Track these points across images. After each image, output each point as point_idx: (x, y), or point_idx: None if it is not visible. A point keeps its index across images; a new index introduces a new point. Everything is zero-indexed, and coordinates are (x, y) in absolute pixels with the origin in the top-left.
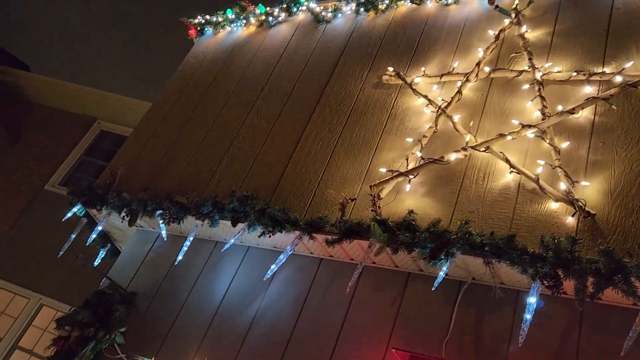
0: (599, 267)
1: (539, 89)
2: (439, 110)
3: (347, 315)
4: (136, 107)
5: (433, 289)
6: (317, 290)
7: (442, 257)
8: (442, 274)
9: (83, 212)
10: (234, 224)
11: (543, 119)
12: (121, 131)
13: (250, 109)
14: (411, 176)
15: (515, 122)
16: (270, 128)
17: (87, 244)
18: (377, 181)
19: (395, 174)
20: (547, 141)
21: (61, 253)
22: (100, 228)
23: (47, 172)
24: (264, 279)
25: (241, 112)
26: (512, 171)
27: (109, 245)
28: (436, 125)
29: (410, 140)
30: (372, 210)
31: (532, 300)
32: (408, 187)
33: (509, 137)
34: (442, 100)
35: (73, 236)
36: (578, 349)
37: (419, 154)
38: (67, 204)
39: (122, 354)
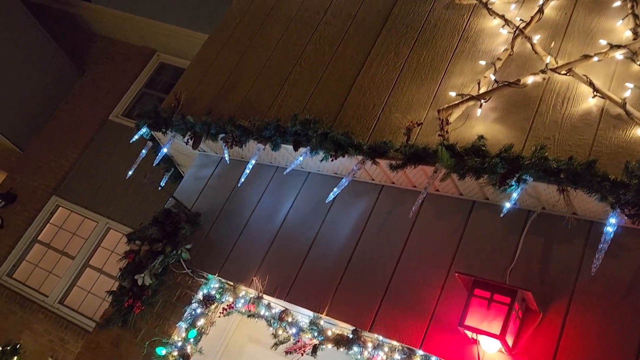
0: None
1: (632, 6)
2: (517, 31)
3: (407, 241)
4: (194, 39)
5: (502, 215)
6: (377, 216)
7: (513, 182)
8: (512, 200)
9: (149, 135)
10: (295, 148)
11: (634, 39)
12: (180, 64)
13: (313, 33)
14: (483, 100)
15: (603, 42)
16: (333, 52)
17: (154, 164)
18: (446, 105)
19: (465, 98)
20: (638, 63)
21: (130, 173)
22: (165, 150)
23: (111, 103)
24: (326, 201)
25: (303, 36)
26: (595, 95)
27: (173, 169)
28: (512, 48)
29: (483, 63)
30: (439, 135)
31: (609, 229)
32: (479, 112)
33: (595, 59)
34: (521, 20)
35: (142, 155)
36: None
37: (492, 77)
38: (134, 128)
39: (188, 269)
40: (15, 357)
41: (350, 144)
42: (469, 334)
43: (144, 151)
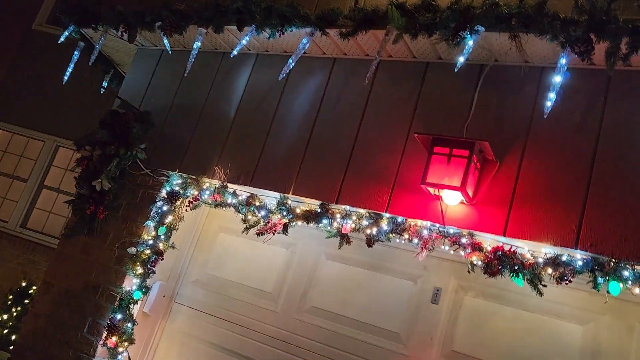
0: (637, 25)
1: None
2: None
3: (365, 110)
4: None
5: (456, 71)
6: (333, 90)
7: (466, 34)
8: (465, 53)
9: (78, 33)
10: (240, 28)
11: None
12: None
13: None
14: None
15: None
16: None
17: (90, 64)
18: None
19: None
20: None
21: (65, 78)
22: (98, 48)
23: (32, 11)
24: (279, 79)
25: None
26: None
27: (112, 70)
28: None
29: None
30: None
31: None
32: None
33: None
34: None
35: (75, 58)
36: (602, 118)
37: None
38: (61, 28)
39: (146, 169)
40: None
41: (296, 15)
42: (432, 190)
43: (76, 53)
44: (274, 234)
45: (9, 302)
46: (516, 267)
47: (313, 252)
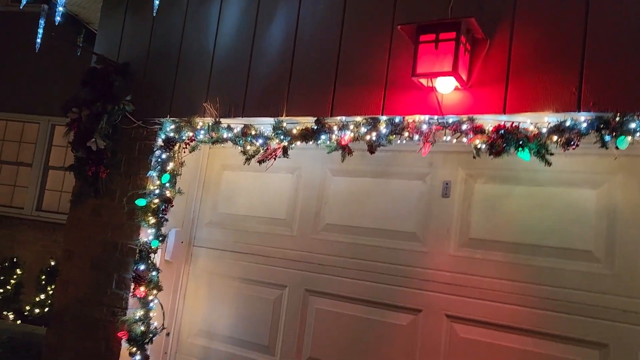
0: None
1: None
2: None
3: (344, 12)
4: None
5: None
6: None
7: None
8: None
9: None
10: None
11: None
12: None
13: None
14: None
15: None
16: None
17: (56, 24)
18: None
19: None
20: None
21: (37, 46)
22: (61, 9)
23: None
24: None
25: None
26: None
27: (84, 30)
28: None
29: None
30: None
31: None
32: None
33: None
34: None
35: (41, 23)
36: None
37: None
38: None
39: (138, 121)
40: (18, 269)
41: None
42: (424, 82)
43: (42, 17)
44: (274, 159)
45: (43, 282)
46: (521, 142)
47: (318, 171)
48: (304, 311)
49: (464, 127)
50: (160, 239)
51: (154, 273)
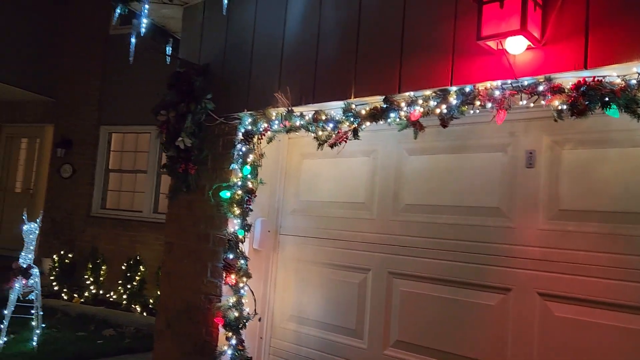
0: None
1: None
2: None
3: None
4: None
5: None
6: None
7: None
8: None
9: (126, 10)
10: None
11: None
12: None
13: None
14: None
15: None
16: None
17: (142, 34)
18: None
19: None
20: None
21: (130, 59)
22: (145, 20)
23: (105, 18)
24: None
25: None
26: None
27: (171, 39)
28: None
29: None
30: None
31: None
32: None
33: None
34: None
35: (132, 37)
36: None
37: None
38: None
39: (219, 118)
40: (141, 267)
41: None
42: (493, 45)
43: (133, 34)
44: (345, 141)
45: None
46: (607, 98)
47: (394, 152)
48: (388, 294)
49: (541, 88)
50: (246, 228)
51: (242, 261)
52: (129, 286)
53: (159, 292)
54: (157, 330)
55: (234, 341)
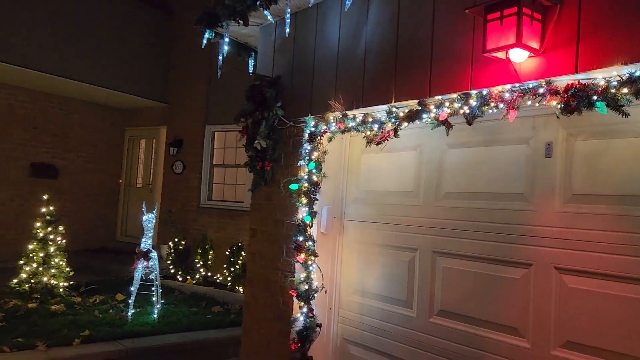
0: None
1: None
2: None
3: (434, 4)
4: None
5: None
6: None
7: None
8: None
9: (212, 35)
10: None
11: None
12: None
13: None
14: None
15: None
16: None
17: (224, 55)
18: None
19: None
20: None
21: (219, 73)
22: (227, 39)
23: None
24: (346, 9)
25: None
26: None
27: (253, 54)
28: None
29: None
30: None
31: None
32: None
33: None
34: None
35: (219, 56)
36: None
37: None
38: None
39: (289, 122)
40: (243, 252)
41: None
42: (502, 55)
43: (220, 53)
44: (388, 139)
45: None
46: (593, 98)
47: (436, 146)
48: (433, 270)
49: (541, 90)
50: (313, 215)
51: (310, 243)
52: (232, 269)
53: None
54: (246, 302)
55: (305, 310)
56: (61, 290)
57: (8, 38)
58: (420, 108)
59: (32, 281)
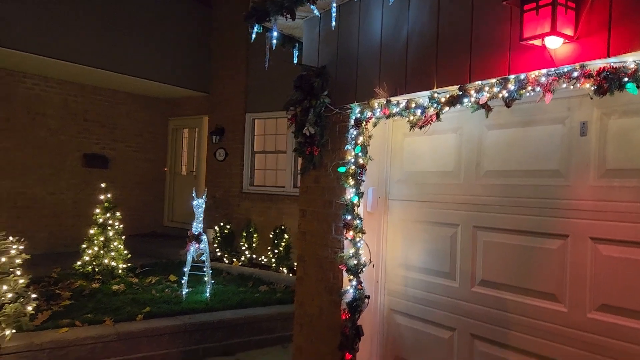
0: None
1: None
2: None
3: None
4: None
5: None
6: None
7: None
8: None
9: (260, 29)
10: None
11: None
12: None
13: None
14: None
15: None
16: None
17: (273, 48)
18: None
19: None
20: None
21: (266, 65)
22: (275, 33)
23: None
24: (390, 3)
25: None
26: None
27: (297, 44)
28: None
29: None
30: None
31: None
32: None
33: None
34: None
35: (266, 47)
36: None
37: None
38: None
39: (335, 109)
40: (286, 234)
41: None
42: (538, 42)
43: (267, 45)
44: (431, 123)
45: None
46: (624, 80)
47: (476, 128)
48: (473, 243)
49: (575, 74)
50: (359, 195)
51: (357, 221)
52: (276, 251)
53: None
54: (298, 277)
55: (354, 282)
56: (120, 271)
57: (62, 36)
58: (461, 93)
59: (94, 263)
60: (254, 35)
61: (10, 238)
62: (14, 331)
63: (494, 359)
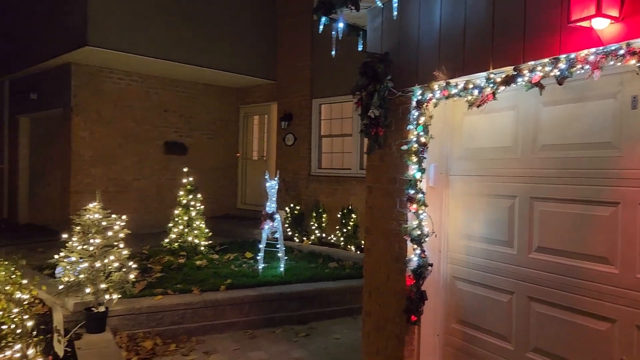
0: None
1: None
2: None
3: None
4: None
5: None
6: None
7: None
8: None
9: (328, 21)
10: None
11: None
12: None
13: None
14: None
15: None
16: None
17: (340, 38)
18: None
19: None
20: None
21: (333, 53)
22: (341, 25)
23: (310, 4)
24: None
25: None
26: None
27: (361, 32)
28: None
29: None
30: None
31: None
32: None
33: None
34: None
35: (333, 36)
36: None
37: None
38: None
39: (397, 92)
40: (353, 214)
41: None
42: (586, 24)
43: (333, 33)
44: (487, 102)
45: None
46: None
47: (532, 105)
48: (530, 213)
49: (621, 52)
50: (422, 171)
51: (420, 195)
52: (344, 230)
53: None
54: (366, 248)
55: (418, 251)
56: (202, 248)
57: (144, 34)
58: (515, 73)
59: (179, 240)
60: (321, 27)
61: (113, 215)
62: (119, 296)
63: (550, 318)
